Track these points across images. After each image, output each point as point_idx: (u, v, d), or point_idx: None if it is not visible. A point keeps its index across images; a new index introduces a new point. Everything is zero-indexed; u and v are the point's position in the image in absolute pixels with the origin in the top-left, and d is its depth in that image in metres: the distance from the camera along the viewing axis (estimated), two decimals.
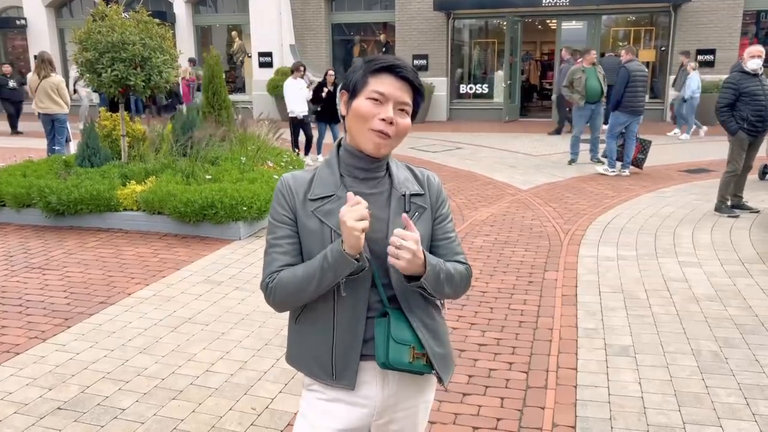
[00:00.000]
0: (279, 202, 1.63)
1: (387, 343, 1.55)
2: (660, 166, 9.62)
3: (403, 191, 1.62)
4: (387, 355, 1.55)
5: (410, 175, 1.68)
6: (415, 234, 1.49)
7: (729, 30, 14.76)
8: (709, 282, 4.83)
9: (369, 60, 1.57)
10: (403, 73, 1.55)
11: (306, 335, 1.66)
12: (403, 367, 1.57)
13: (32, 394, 3.31)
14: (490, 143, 12.61)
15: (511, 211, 7.10)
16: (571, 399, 3.20)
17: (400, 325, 1.58)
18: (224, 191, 6.11)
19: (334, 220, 1.54)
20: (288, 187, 1.62)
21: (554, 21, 16.77)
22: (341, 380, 1.61)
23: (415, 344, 1.59)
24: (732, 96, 6.53)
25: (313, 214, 1.58)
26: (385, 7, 17.27)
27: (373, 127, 1.53)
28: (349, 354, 1.60)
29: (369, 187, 1.61)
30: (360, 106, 1.54)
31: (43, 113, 9.72)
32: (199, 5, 18.71)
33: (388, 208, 1.61)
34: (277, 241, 1.61)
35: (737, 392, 3.24)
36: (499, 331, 4.02)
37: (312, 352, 1.64)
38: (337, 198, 1.58)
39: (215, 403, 3.21)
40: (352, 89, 1.57)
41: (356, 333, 1.59)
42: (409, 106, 1.57)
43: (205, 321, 4.22)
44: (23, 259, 5.57)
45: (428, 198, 1.67)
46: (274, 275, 1.59)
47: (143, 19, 7.05)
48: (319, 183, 1.61)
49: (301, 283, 1.55)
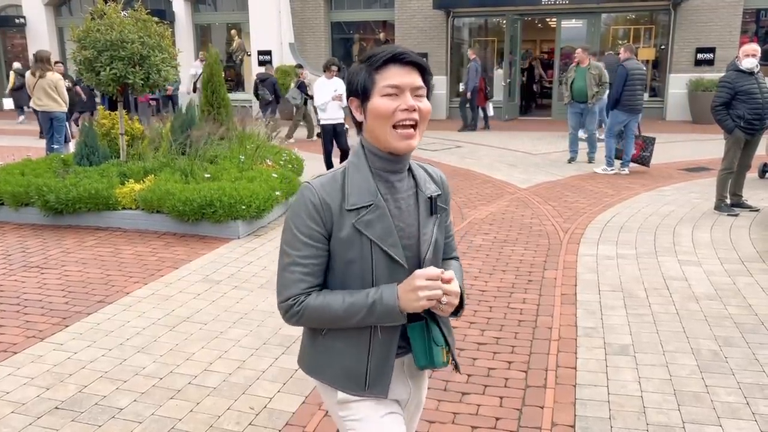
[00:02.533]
0: (310, 215, 1.51)
1: (428, 346, 1.59)
2: (660, 165, 9.61)
3: (429, 193, 1.61)
4: (431, 359, 1.59)
5: (425, 174, 1.66)
6: (455, 285, 1.52)
7: (729, 28, 14.74)
8: (709, 281, 4.82)
9: (368, 57, 1.52)
10: (407, 58, 1.50)
11: (336, 349, 1.61)
12: (440, 367, 1.62)
13: (30, 394, 3.30)
14: (489, 142, 12.60)
15: (511, 210, 7.09)
16: (570, 398, 3.19)
17: (434, 328, 1.61)
18: (223, 190, 6.10)
19: (373, 231, 1.51)
20: (321, 198, 1.50)
21: (554, 19, 16.74)
22: (373, 390, 1.60)
23: (444, 344, 1.63)
24: (727, 95, 6.52)
25: (352, 225, 1.50)
26: (385, 6, 17.24)
27: (398, 120, 1.48)
28: (385, 364, 1.59)
29: (399, 192, 1.58)
30: (378, 106, 1.49)
31: (41, 111, 9.71)
32: (198, 4, 18.68)
33: (416, 211, 1.59)
34: (303, 260, 1.52)
35: (737, 391, 3.23)
36: (499, 330, 4.01)
37: (343, 366, 1.60)
38: (375, 207, 1.52)
39: (213, 402, 3.20)
40: (362, 92, 1.52)
41: (393, 343, 1.59)
42: (424, 88, 1.53)
43: (204, 320, 4.21)
44: (21, 258, 5.56)
45: (443, 198, 1.68)
46: (301, 298, 1.52)
47: (142, 18, 7.03)
48: (353, 191, 1.52)
49: (337, 318, 1.52)
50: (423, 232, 1.58)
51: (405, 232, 1.56)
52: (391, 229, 1.53)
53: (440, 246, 1.65)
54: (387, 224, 1.52)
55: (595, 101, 9.82)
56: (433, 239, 1.60)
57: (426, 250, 1.58)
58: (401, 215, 1.57)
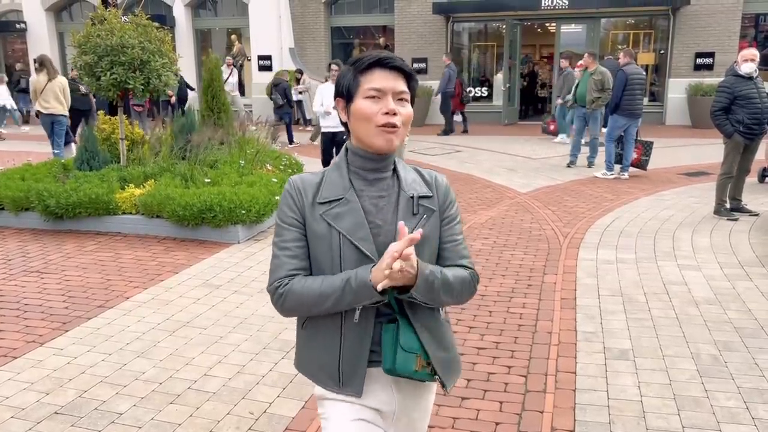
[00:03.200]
0: (287, 203, 1.61)
1: (394, 350, 1.55)
2: (659, 169, 9.62)
3: (411, 193, 1.61)
4: (394, 363, 1.54)
5: (418, 176, 1.67)
6: (411, 252, 1.45)
7: (728, 33, 14.78)
8: (709, 285, 4.82)
9: (355, 61, 1.58)
10: (392, 63, 1.54)
11: (312, 342, 1.64)
12: (407, 375, 1.57)
13: (29, 399, 3.30)
14: (489, 146, 12.61)
15: (510, 214, 7.10)
16: (570, 403, 3.19)
17: (408, 332, 1.57)
18: (223, 195, 6.11)
19: (343, 224, 1.54)
20: (297, 188, 1.61)
21: (553, 24, 16.78)
22: (347, 388, 1.60)
23: (422, 353, 1.58)
24: (726, 99, 6.54)
25: (321, 217, 1.56)
26: (385, 11, 17.29)
27: (379, 123, 1.52)
28: (357, 361, 1.58)
29: (378, 190, 1.61)
30: (360, 107, 1.54)
31: (46, 113, 9.79)
32: (198, 9, 18.73)
33: (396, 211, 1.59)
34: (285, 244, 1.60)
35: (737, 396, 3.23)
36: (498, 335, 4.01)
37: (319, 360, 1.63)
38: (345, 201, 1.56)
39: (213, 407, 3.20)
40: (347, 94, 1.57)
41: (364, 340, 1.58)
42: (407, 93, 1.57)
43: (203, 325, 4.21)
44: (21, 263, 5.56)
45: (436, 200, 1.66)
46: (285, 281, 1.57)
47: (142, 23, 7.05)
48: (327, 186, 1.60)
49: (316, 299, 1.54)
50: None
51: (382, 229, 1.57)
52: (362, 224, 1.55)
53: (426, 249, 1.60)
54: (358, 218, 1.55)
55: (595, 107, 9.81)
56: None
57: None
58: (378, 212, 1.58)
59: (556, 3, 14.98)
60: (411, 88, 1.58)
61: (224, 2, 18.47)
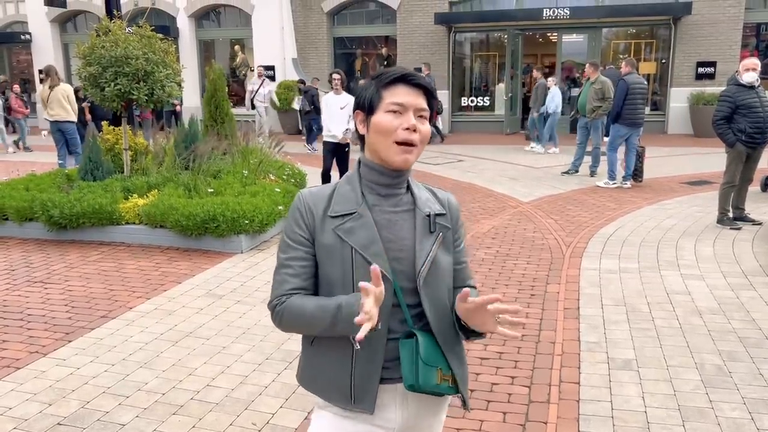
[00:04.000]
0: (295, 220, 1.58)
1: (416, 365, 1.52)
2: (662, 178, 9.62)
3: (427, 211, 1.60)
4: (417, 378, 1.52)
5: (430, 195, 1.67)
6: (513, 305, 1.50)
7: (729, 42, 14.82)
8: (712, 295, 4.81)
9: (379, 74, 1.58)
10: (415, 80, 1.55)
11: (323, 359, 1.61)
12: (431, 390, 1.55)
13: (32, 410, 3.29)
14: (491, 156, 12.63)
15: (513, 224, 7.10)
16: (573, 414, 3.18)
17: (428, 346, 1.55)
18: (226, 204, 6.12)
19: (355, 239, 1.53)
20: (306, 204, 1.58)
21: (555, 34, 16.85)
22: (360, 404, 1.57)
23: (443, 366, 1.57)
24: (728, 109, 6.55)
25: (333, 231, 1.54)
26: (387, 21, 17.38)
27: (398, 139, 1.52)
28: (370, 379, 1.56)
29: (391, 205, 1.60)
30: (381, 121, 1.53)
31: (52, 120, 9.93)
32: (202, 20, 18.84)
33: (413, 228, 1.59)
34: (289, 262, 1.58)
35: (742, 407, 3.21)
36: (501, 345, 4.00)
37: (329, 377, 1.60)
38: (358, 216, 1.55)
39: (215, 418, 3.20)
40: (369, 106, 1.57)
41: (377, 357, 1.55)
42: (427, 111, 1.57)
43: (206, 335, 4.21)
44: (25, 273, 5.57)
45: (449, 218, 1.66)
46: (284, 299, 1.56)
47: (146, 34, 7.10)
48: (339, 200, 1.57)
49: (310, 321, 1.53)
50: (419, 247, 1.57)
51: (396, 244, 1.56)
52: (374, 239, 1.54)
53: (444, 266, 1.61)
54: (370, 233, 1.54)
55: (596, 116, 9.84)
56: (430, 255, 1.58)
57: (422, 264, 1.56)
58: (392, 227, 1.57)
59: (557, 13, 15.05)
60: (430, 107, 1.58)
61: (227, 13, 18.59)
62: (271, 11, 17.26)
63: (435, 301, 1.59)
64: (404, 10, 16.75)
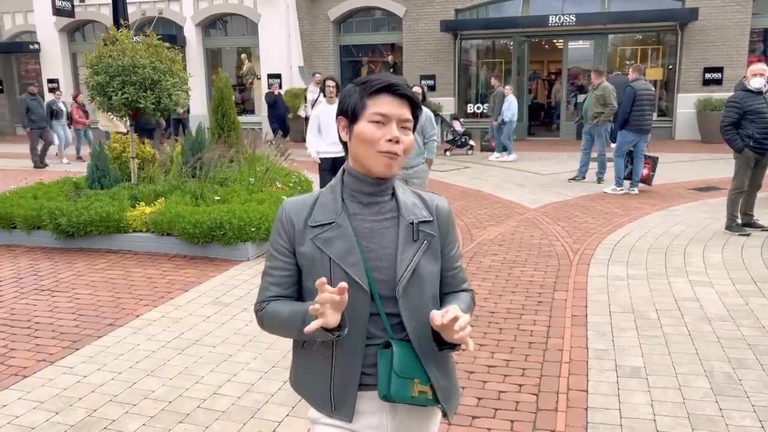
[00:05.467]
0: (277, 230, 1.62)
1: (389, 376, 1.51)
2: (669, 184, 9.58)
3: (411, 219, 1.58)
4: (388, 389, 1.51)
5: (418, 200, 1.64)
6: (465, 318, 1.44)
7: (736, 48, 14.77)
8: (721, 301, 4.77)
9: (363, 82, 1.56)
10: (400, 91, 1.53)
11: (308, 364, 1.64)
12: (406, 401, 1.54)
13: (39, 418, 3.30)
14: (498, 162, 12.61)
15: (520, 231, 7.07)
16: (582, 422, 3.15)
17: (405, 357, 1.54)
18: (233, 212, 6.13)
19: (333, 249, 1.53)
20: (287, 216, 1.60)
21: (561, 40, 16.84)
22: (339, 411, 1.59)
23: (420, 377, 1.55)
24: (736, 114, 6.52)
25: (312, 242, 1.55)
26: (393, 29, 17.42)
27: (381, 149, 1.51)
28: (347, 385, 1.57)
29: (373, 213, 1.58)
30: (364, 131, 1.52)
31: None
32: (209, 28, 18.94)
33: (396, 236, 1.57)
34: (271, 270, 1.63)
35: (752, 415, 3.18)
36: (509, 353, 3.98)
37: (313, 383, 1.63)
38: (337, 226, 1.55)
39: (222, 426, 3.19)
40: (352, 114, 1.55)
41: (355, 365, 1.56)
42: (411, 121, 1.56)
43: (213, 343, 4.21)
44: (33, 281, 5.59)
45: (436, 225, 1.63)
46: (264, 305, 1.62)
47: (153, 43, 7.14)
48: (320, 209, 1.58)
49: (284, 326, 1.57)
50: (401, 257, 1.55)
51: (376, 253, 1.55)
52: (352, 249, 1.53)
53: (427, 274, 1.59)
54: (348, 244, 1.54)
55: (598, 122, 9.82)
56: (411, 264, 1.55)
57: (402, 273, 1.54)
58: (373, 237, 1.56)
59: (563, 20, 15.04)
60: (415, 117, 1.57)
61: (234, 22, 18.68)
62: (277, 19, 17.34)
63: (414, 311, 1.57)
64: (410, 18, 16.79)
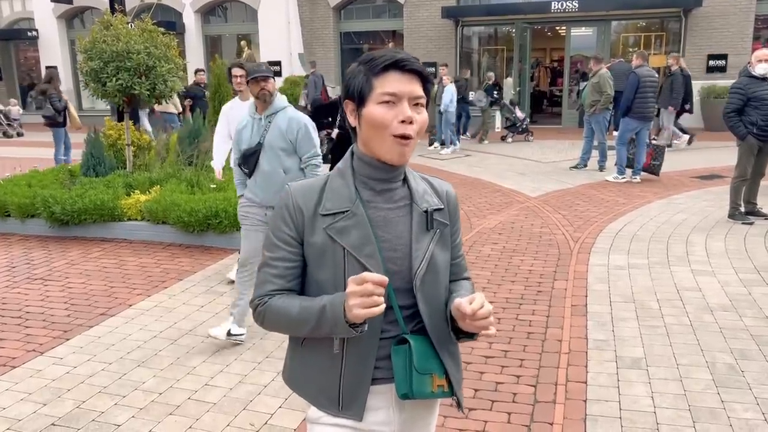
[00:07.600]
0: (283, 218, 1.47)
1: (409, 374, 1.43)
2: (672, 173, 9.47)
3: (425, 207, 1.50)
4: (411, 388, 1.43)
5: (428, 187, 1.56)
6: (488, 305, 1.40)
7: (741, 35, 14.59)
8: (724, 291, 4.69)
9: (368, 60, 1.42)
10: (408, 65, 1.41)
11: (311, 361, 1.53)
12: (426, 397, 1.47)
13: (26, 410, 3.23)
14: (498, 150, 12.51)
15: (520, 219, 6.99)
16: (580, 414, 3.08)
17: (423, 352, 1.46)
18: (228, 201, 6.05)
19: (348, 239, 1.43)
20: (294, 203, 1.46)
21: (563, 27, 16.66)
22: (348, 410, 1.49)
23: (437, 371, 1.48)
24: (739, 101, 6.41)
25: (324, 231, 1.44)
26: (394, 15, 17.25)
27: (395, 132, 1.39)
28: (359, 383, 1.48)
29: (386, 201, 1.48)
30: (374, 114, 1.40)
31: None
32: (208, 15, 18.79)
33: (409, 225, 1.49)
34: (273, 261, 1.49)
35: (755, 407, 3.11)
36: (507, 343, 3.90)
37: (317, 380, 1.52)
38: (351, 214, 1.44)
39: (213, 418, 3.13)
40: (359, 96, 1.43)
41: (368, 361, 1.47)
42: (423, 98, 1.43)
43: (206, 333, 4.14)
44: (25, 270, 5.53)
45: (447, 213, 1.56)
46: (266, 299, 1.48)
47: (148, 29, 7.03)
48: (331, 196, 1.46)
49: (293, 322, 1.45)
50: (416, 247, 1.47)
51: (391, 243, 1.46)
52: (368, 239, 1.44)
53: (441, 264, 1.53)
54: (364, 233, 1.44)
55: (595, 110, 9.69)
56: (427, 255, 1.48)
57: (418, 265, 1.47)
58: (387, 226, 1.47)
59: (566, 6, 14.87)
60: (426, 92, 1.45)
61: (233, 8, 18.53)
62: (277, 6, 17.18)
63: (431, 301, 1.50)
64: (411, 5, 16.61)
